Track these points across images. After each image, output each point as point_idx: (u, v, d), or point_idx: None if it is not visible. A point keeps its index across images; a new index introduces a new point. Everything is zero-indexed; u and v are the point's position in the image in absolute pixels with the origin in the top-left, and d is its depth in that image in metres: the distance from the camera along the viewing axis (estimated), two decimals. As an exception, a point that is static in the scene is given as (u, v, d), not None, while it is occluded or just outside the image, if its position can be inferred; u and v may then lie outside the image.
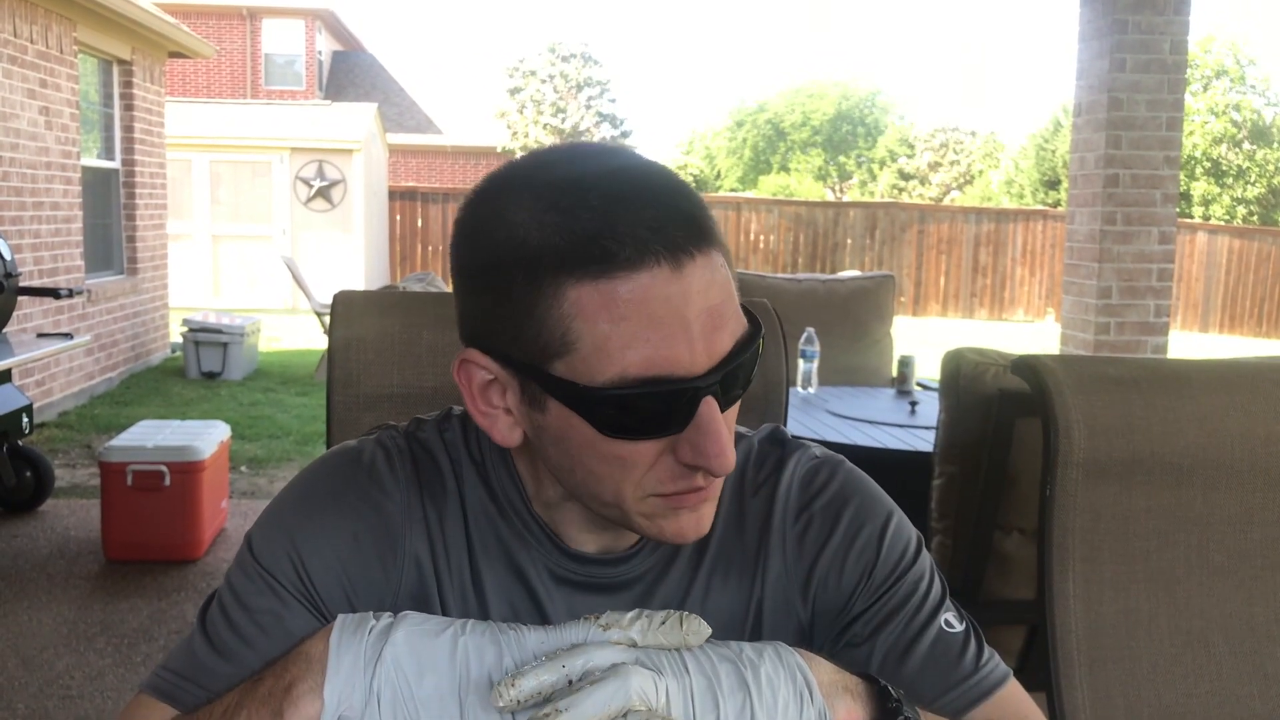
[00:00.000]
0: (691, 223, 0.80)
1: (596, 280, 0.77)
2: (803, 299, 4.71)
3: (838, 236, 17.82)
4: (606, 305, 0.77)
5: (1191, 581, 1.49)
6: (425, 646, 0.81)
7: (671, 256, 0.78)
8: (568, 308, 0.78)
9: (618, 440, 0.81)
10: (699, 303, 0.79)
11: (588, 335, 0.78)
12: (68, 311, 7.58)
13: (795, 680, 0.81)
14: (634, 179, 0.81)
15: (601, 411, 0.80)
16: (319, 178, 15.84)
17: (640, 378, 0.78)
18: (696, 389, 0.79)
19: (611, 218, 0.78)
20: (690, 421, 0.80)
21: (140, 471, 4.36)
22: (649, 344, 0.77)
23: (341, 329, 1.52)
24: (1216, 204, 24.61)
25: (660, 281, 0.77)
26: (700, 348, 0.79)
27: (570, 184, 0.80)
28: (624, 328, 0.77)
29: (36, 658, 3.59)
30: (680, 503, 0.85)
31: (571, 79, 25.72)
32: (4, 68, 6.73)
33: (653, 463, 0.83)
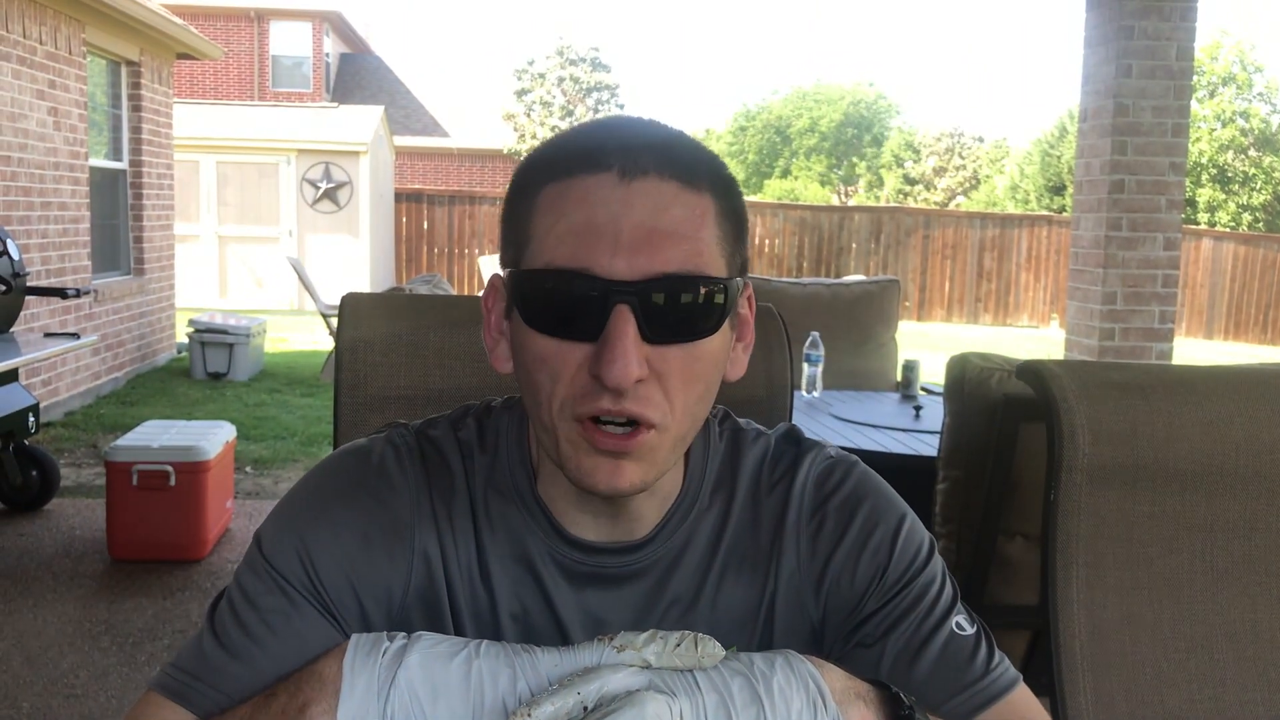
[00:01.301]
0: (670, 155, 0.85)
1: (557, 180, 0.85)
2: (807, 303, 4.72)
3: (842, 241, 17.82)
4: (557, 202, 0.84)
5: (1195, 587, 1.49)
6: (439, 670, 0.81)
7: (623, 169, 0.83)
8: (531, 205, 0.86)
9: (541, 335, 0.84)
10: (638, 216, 0.82)
11: (538, 228, 0.85)
12: (74, 311, 7.60)
13: (808, 689, 0.81)
14: (639, 120, 0.89)
15: (526, 296, 0.85)
16: (325, 179, 15.86)
17: (560, 268, 0.82)
18: (608, 291, 0.81)
19: (596, 137, 0.86)
20: (602, 331, 0.82)
21: (146, 471, 4.37)
22: (576, 239, 0.82)
23: (349, 330, 1.52)
24: (1222, 210, 24.57)
25: (604, 187, 0.83)
26: (624, 256, 0.81)
27: (588, 127, 0.88)
28: (562, 222, 0.83)
29: (41, 656, 3.60)
30: (592, 435, 0.84)
31: (581, 82, 25.74)
32: (13, 68, 6.75)
33: (573, 374, 0.84)
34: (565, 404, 0.85)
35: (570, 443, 0.86)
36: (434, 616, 0.93)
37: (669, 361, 0.84)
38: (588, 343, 0.82)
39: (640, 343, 0.81)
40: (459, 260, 17.40)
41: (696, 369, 0.85)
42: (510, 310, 0.89)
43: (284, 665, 0.88)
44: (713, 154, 0.89)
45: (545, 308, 0.84)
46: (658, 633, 0.81)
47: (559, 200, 0.84)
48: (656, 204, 0.82)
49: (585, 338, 0.82)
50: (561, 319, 0.83)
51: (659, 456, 0.87)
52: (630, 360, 0.81)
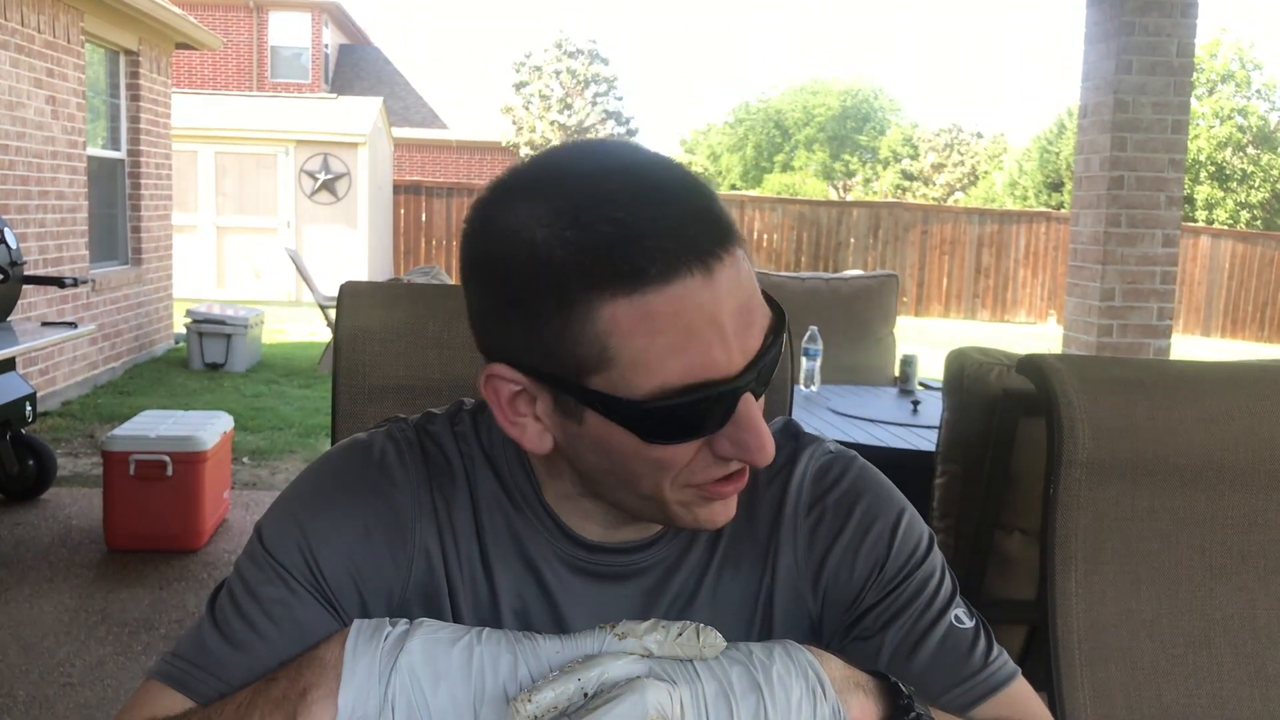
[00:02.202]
0: (713, 223, 0.79)
1: (630, 296, 0.76)
2: (806, 297, 4.72)
3: (841, 236, 17.82)
4: (642, 320, 0.76)
5: (1194, 583, 1.49)
6: (441, 655, 0.81)
7: (701, 263, 0.77)
8: (602, 325, 0.77)
9: (658, 446, 0.82)
10: (730, 304, 0.78)
11: (625, 351, 0.77)
12: (72, 301, 7.58)
13: (807, 678, 0.81)
14: (650, 182, 0.80)
15: (644, 422, 0.80)
16: (324, 171, 15.84)
17: (681, 386, 0.78)
18: (736, 389, 0.80)
19: (635, 229, 0.76)
20: (730, 419, 0.81)
21: (143, 461, 4.37)
22: (687, 353, 0.77)
23: (348, 320, 1.52)
24: (1220, 208, 24.58)
25: (693, 290, 0.77)
26: (735, 347, 0.79)
27: (586, 194, 0.78)
28: (661, 340, 0.77)
29: (37, 645, 3.59)
30: (716, 492, 0.86)
31: (579, 75, 25.70)
32: (11, 56, 6.73)
33: (691, 458, 0.84)
34: (680, 480, 0.85)
35: (684, 505, 0.87)
36: (434, 611, 0.93)
37: (761, 402, 0.85)
38: (714, 431, 0.82)
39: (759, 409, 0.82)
40: (457, 252, 17.34)
41: None
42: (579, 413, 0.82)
43: (284, 655, 0.88)
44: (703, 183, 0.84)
45: (670, 427, 0.80)
46: (659, 622, 0.81)
47: (644, 320, 0.76)
48: (734, 283, 0.79)
49: (710, 432, 0.82)
50: (686, 428, 0.81)
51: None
52: (769, 438, 0.82)
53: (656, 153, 0.84)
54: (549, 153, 0.85)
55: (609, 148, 0.85)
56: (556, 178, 0.81)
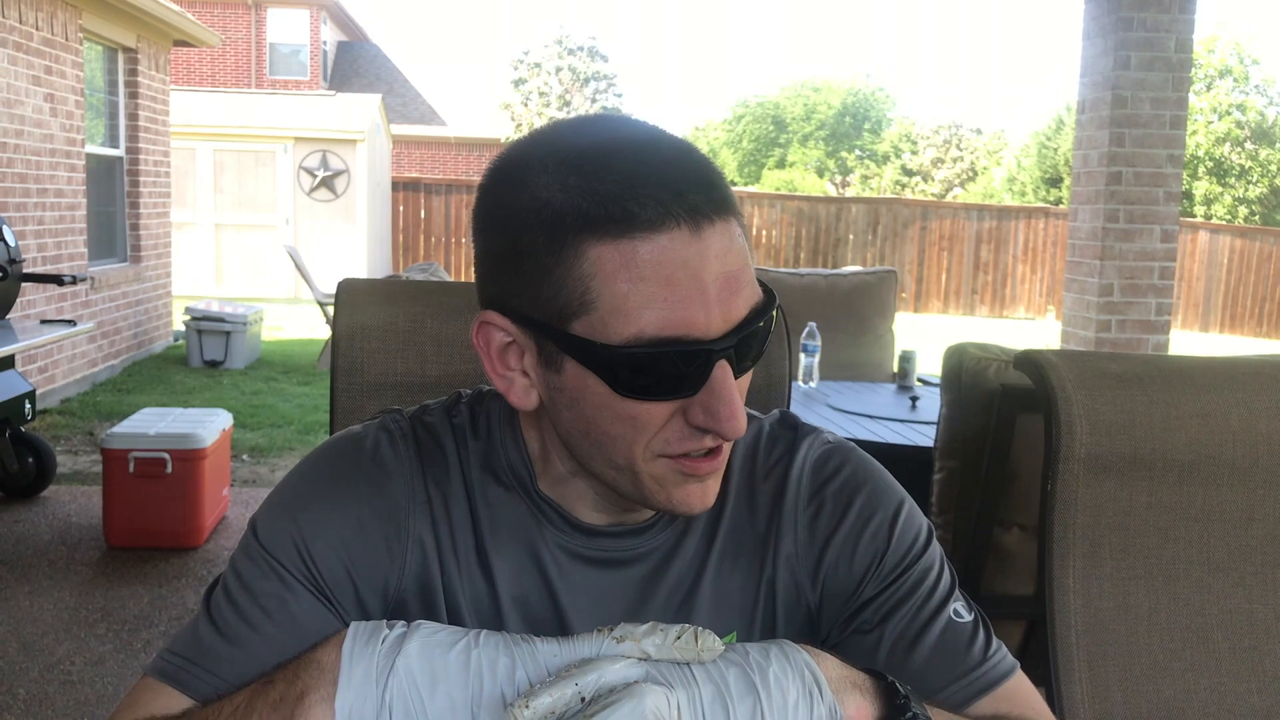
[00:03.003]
0: (711, 189, 0.82)
1: (617, 240, 0.79)
2: (805, 293, 4.72)
3: (840, 232, 17.81)
4: (626, 265, 0.79)
5: (1191, 578, 1.50)
6: (438, 658, 0.81)
7: (691, 220, 0.79)
8: (588, 267, 0.80)
9: (632, 400, 0.82)
10: (716, 267, 0.80)
11: (606, 294, 0.79)
12: (71, 298, 7.58)
13: (804, 678, 0.81)
14: (656, 146, 0.83)
15: (618, 370, 0.81)
16: (323, 168, 15.83)
17: (656, 338, 0.79)
18: (711, 351, 0.80)
19: (634, 180, 0.79)
20: (704, 384, 0.82)
21: (142, 459, 4.37)
22: (666, 304, 0.79)
23: (346, 316, 1.52)
24: (1218, 203, 24.59)
25: (679, 244, 0.79)
26: (716, 311, 0.80)
27: (594, 150, 0.82)
28: (642, 288, 0.79)
29: (37, 643, 3.60)
30: (690, 468, 0.86)
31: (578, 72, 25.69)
32: (9, 54, 6.73)
33: (664, 423, 0.84)
34: (653, 448, 0.85)
35: (658, 479, 0.87)
36: (429, 602, 0.93)
37: (742, 381, 0.85)
38: (687, 397, 0.83)
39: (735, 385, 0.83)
40: (456, 249, 17.38)
41: (749, 375, 0.88)
42: (559, 362, 0.84)
43: (280, 650, 0.88)
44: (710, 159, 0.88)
45: (642, 379, 0.81)
46: (658, 625, 0.81)
47: (627, 266, 0.79)
48: (724, 249, 0.81)
49: (684, 394, 0.82)
50: (660, 386, 0.82)
51: (727, 460, 0.90)
52: (740, 411, 0.82)
53: (667, 132, 0.87)
54: (564, 120, 0.90)
55: (623, 119, 0.88)
56: (568, 137, 0.85)
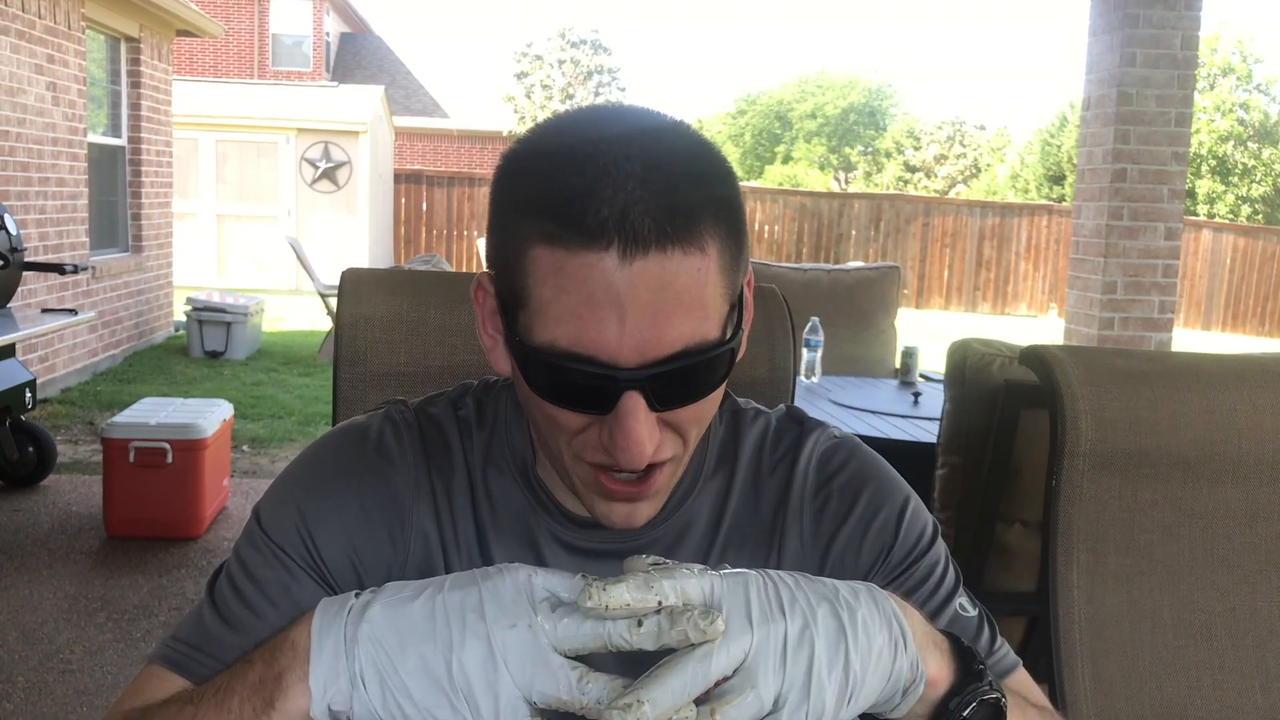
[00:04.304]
0: (670, 217, 0.77)
1: (552, 246, 0.78)
2: (807, 289, 4.71)
3: (842, 227, 17.80)
4: (554, 272, 0.78)
5: (1195, 575, 1.49)
6: (403, 617, 0.77)
7: (624, 246, 0.76)
8: (528, 263, 0.80)
9: (546, 402, 0.83)
10: (643, 299, 0.76)
11: (535, 295, 0.80)
12: (72, 288, 7.58)
13: (891, 628, 0.78)
14: (639, 154, 0.78)
15: (533, 370, 0.82)
16: (325, 159, 15.82)
17: (565, 351, 0.78)
18: (616, 380, 0.78)
19: (589, 190, 0.77)
20: (611, 410, 0.80)
21: (143, 448, 4.36)
22: (580, 321, 0.77)
23: (349, 307, 1.51)
24: (1221, 202, 24.56)
25: (607, 266, 0.76)
26: (630, 343, 0.77)
27: (578, 147, 0.80)
28: (563, 299, 0.78)
29: (37, 632, 3.59)
30: (606, 485, 0.85)
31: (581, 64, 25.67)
32: (11, 42, 6.72)
33: (582, 429, 0.83)
34: (576, 450, 0.84)
35: (583, 482, 0.87)
36: None
37: (680, 414, 0.83)
38: (598, 414, 0.81)
39: (650, 417, 0.80)
40: (458, 241, 17.38)
41: (704, 409, 0.85)
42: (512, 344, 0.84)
43: None
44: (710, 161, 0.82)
45: (550, 384, 0.81)
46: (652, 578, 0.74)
47: (556, 273, 0.78)
48: (660, 281, 0.77)
49: (595, 412, 0.81)
50: (568, 396, 0.81)
51: (669, 485, 0.89)
52: (643, 444, 0.80)
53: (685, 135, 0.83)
54: (589, 107, 0.89)
55: (631, 114, 0.85)
56: (575, 128, 0.83)
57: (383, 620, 0.77)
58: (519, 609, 0.74)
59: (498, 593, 0.75)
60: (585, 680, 0.72)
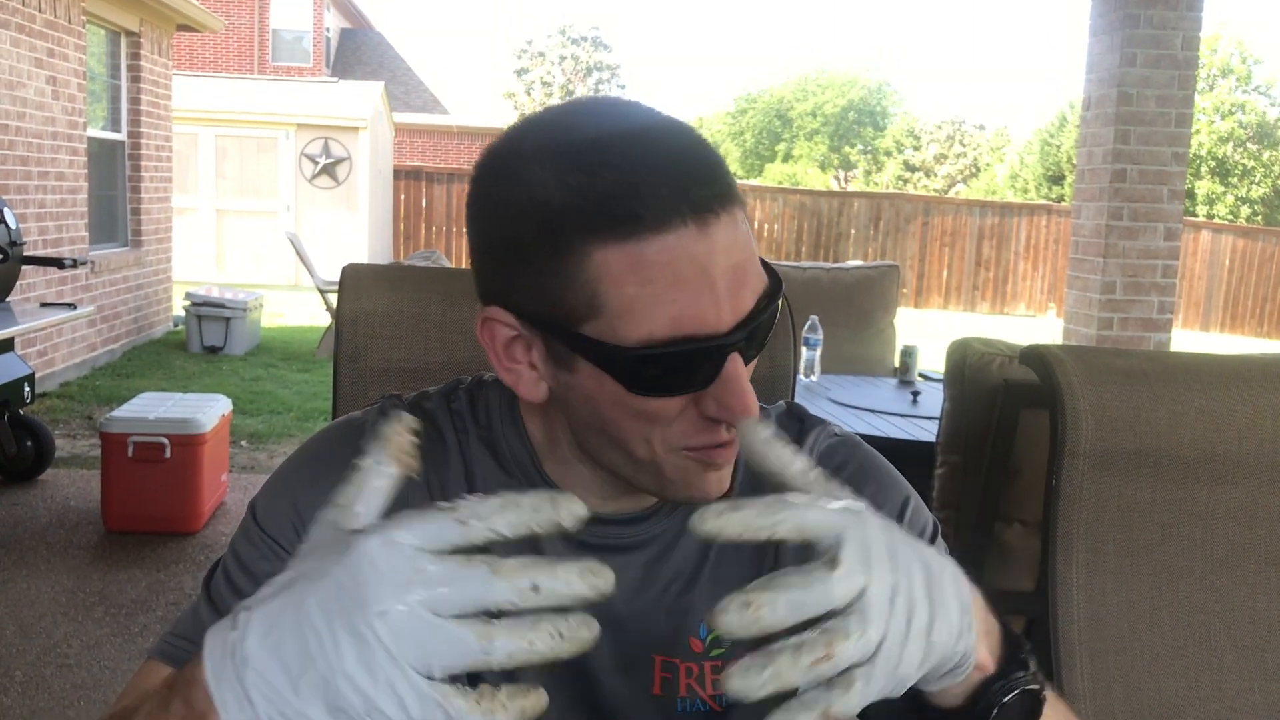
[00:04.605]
0: (715, 181, 0.80)
1: (623, 243, 0.77)
2: (807, 287, 4.71)
3: (841, 226, 17.80)
4: (633, 268, 0.77)
5: (1194, 575, 1.49)
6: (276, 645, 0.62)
7: (697, 216, 0.78)
8: (594, 271, 0.78)
9: (644, 398, 0.81)
10: (724, 261, 0.79)
11: (615, 298, 0.78)
12: (71, 282, 7.57)
13: (964, 614, 0.73)
14: (653, 137, 0.81)
15: (631, 371, 0.80)
16: (324, 155, 15.81)
17: (668, 338, 0.78)
18: (724, 346, 0.79)
19: (635, 178, 0.77)
20: (716, 377, 0.80)
21: (141, 443, 4.36)
22: (676, 304, 0.77)
23: (349, 302, 1.51)
24: (1220, 203, 24.57)
25: (686, 242, 0.77)
26: (726, 306, 0.79)
27: (591, 143, 0.79)
28: (650, 290, 0.77)
29: (34, 626, 3.59)
30: (709, 457, 0.85)
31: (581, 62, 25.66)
32: (11, 36, 6.71)
33: (677, 415, 0.83)
34: (672, 442, 0.84)
35: (680, 470, 0.86)
36: None
37: (750, 367, 0.84)
38: (700, 390, 0.81)
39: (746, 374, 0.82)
40: (458, 238, 17.37)
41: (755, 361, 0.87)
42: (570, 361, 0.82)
43: None
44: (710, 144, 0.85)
45: (658, 378, 0.80)
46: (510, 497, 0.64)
47: (635, 269, 0.77)
48: (731, 241, 0.79)
49: (697, 388, 0.81)
50: (675, 382, 0.81)
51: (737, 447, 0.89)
52: (751, 400, 0.81)
53: (668, 114, 0.85)
54: (563, 104, 0.88)
55: (622, 104, 0.86)
56: (566, 125, 0.83)
57: (261, 659, 0.62)
58: (385, 587, 0.59)
59: (357, 578, 0.60)
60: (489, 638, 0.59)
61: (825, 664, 0.64)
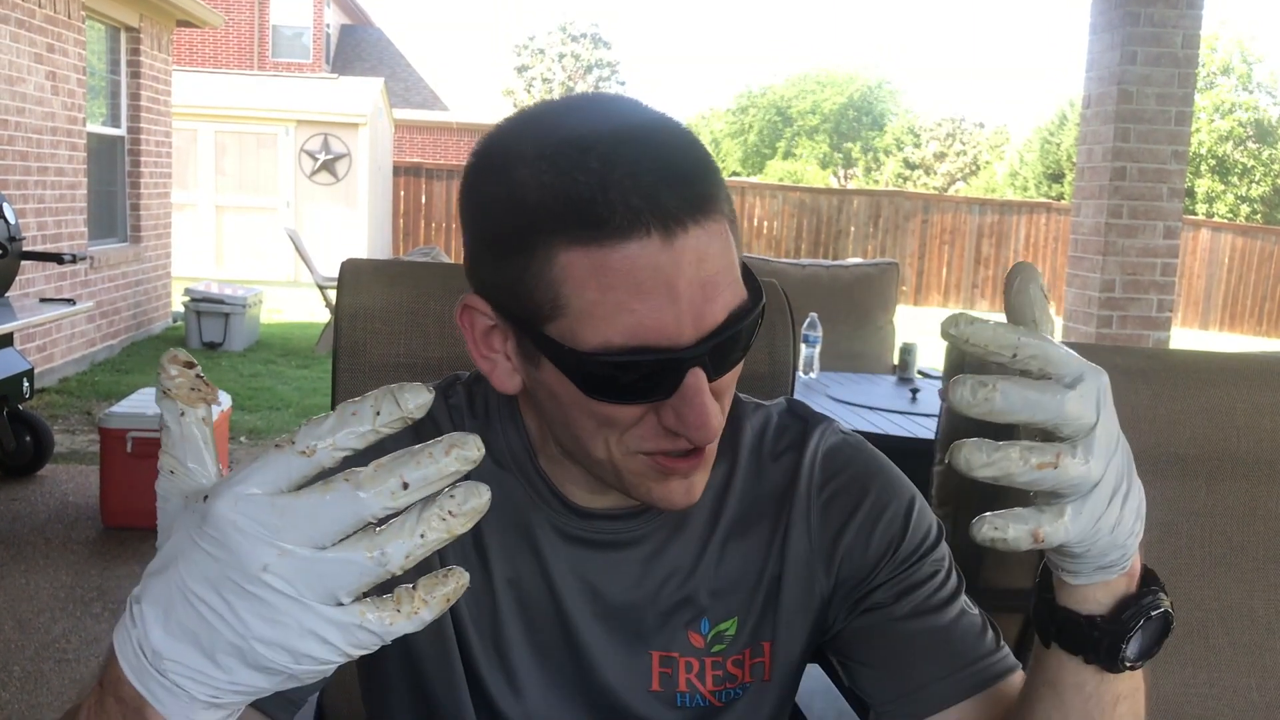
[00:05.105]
0: (690, 190, 0.78)
1: (586, 247, 0.76)
2: (806, 284, 4.71)
3: (841, 224, 17.80)
4: (595, 273, 0.77)
5: (1192, 573, 1.49)
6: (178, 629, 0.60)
7: (663, 226, 0.76)
8: (558, 272, 0.78)
9: (601, 403, 0.81)
10: (690, 274, 0.77)
11: (575, 301, 0.78)
12: (70, 278, 7.57)
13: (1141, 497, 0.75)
14: (638, 139, 0.79)
15: (587, 376, 0.79)
16: (324, 151, 15.80)
17: (625, 346, 0.77)
18: (681, 360, 0.78)
19: (607, 182, 0.76)
20: (676, 390, 0.79)
21: (140, 439, 4.36)
22: (635, 314, 0.77)
23: (349, 297, 1.51)
24: (1220, 202, 24.57)
25: (650, 252, 0.76)
26: (688, 319, 0.77)
27: (572, 142, 0.78)
28: (611, 296, 0.77)
29: (33, 621, 3.60)
30: (668, 466, 0.84)
31: (581, 59, 25.64)
32: (11, 31, 6.70)
33: (637, 421, 0.82)
34: (626, 443, 0.83)
35: (637, 474, 0.85)
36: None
37: (724, 381, 0.83)
38: (659, 399, 0.81)
39: (708, 390, 0.80)
40: (457, 235, 17.25)
41: (737, 372, 0.86)
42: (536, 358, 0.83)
43: None
44: (697, 142, 0.83)
45: (612, 384, 0.79)
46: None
47: (597, 273, 0.77)
48: (702, 254, 0.78)
49: (658, 398, 0.80)
50: (629, 392, 0.80)
51: (714, 456, 0.88)
52: (713, 416, 0.80)
53: (663, 114, 0.83)
54: (557, 99, 0.87)
55: (615, 102, 0.85)
56: (552, 123, 0.82)
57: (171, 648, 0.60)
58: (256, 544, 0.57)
59: (226, 544, 0.58)
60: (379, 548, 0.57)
61: (1049, 471, 0.68)
